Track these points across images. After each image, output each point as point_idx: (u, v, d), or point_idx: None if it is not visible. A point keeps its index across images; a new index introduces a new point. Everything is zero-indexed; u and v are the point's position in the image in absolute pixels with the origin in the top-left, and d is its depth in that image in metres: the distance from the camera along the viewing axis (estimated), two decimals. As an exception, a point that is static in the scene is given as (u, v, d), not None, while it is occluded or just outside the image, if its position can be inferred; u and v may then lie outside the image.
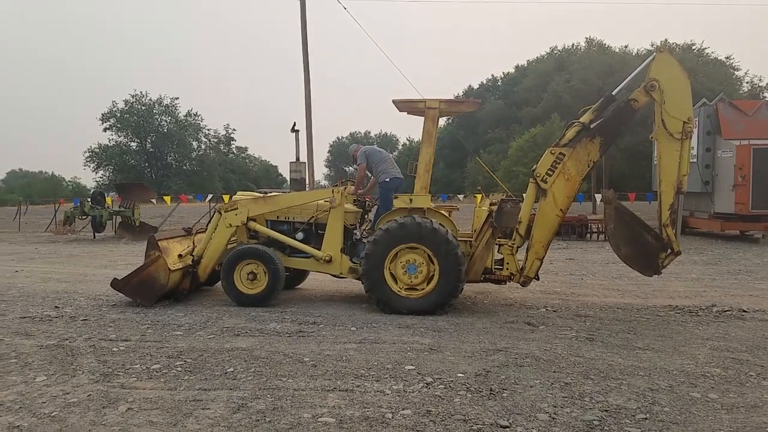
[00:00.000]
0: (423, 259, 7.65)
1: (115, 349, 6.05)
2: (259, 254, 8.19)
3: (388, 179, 8.79)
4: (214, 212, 8.86)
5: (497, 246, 8.00)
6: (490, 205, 8.08)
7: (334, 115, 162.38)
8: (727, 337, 6.55)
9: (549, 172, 7.58)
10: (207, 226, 8.87)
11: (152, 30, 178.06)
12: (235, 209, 8.51)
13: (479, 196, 12.78)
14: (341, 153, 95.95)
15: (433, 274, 7.63)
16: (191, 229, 9.58)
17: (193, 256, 8.53)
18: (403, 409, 4.37)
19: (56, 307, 8.23)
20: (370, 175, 9.23)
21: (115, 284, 8.23)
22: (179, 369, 5.36)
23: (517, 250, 7.94)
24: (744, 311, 7.82)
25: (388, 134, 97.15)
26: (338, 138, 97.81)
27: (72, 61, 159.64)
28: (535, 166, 7.73)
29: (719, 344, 6.23)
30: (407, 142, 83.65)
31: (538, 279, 8.07)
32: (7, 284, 10.30)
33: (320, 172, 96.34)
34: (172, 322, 7.23)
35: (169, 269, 8.04)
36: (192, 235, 9.20)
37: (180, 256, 8.54)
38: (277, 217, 8.77)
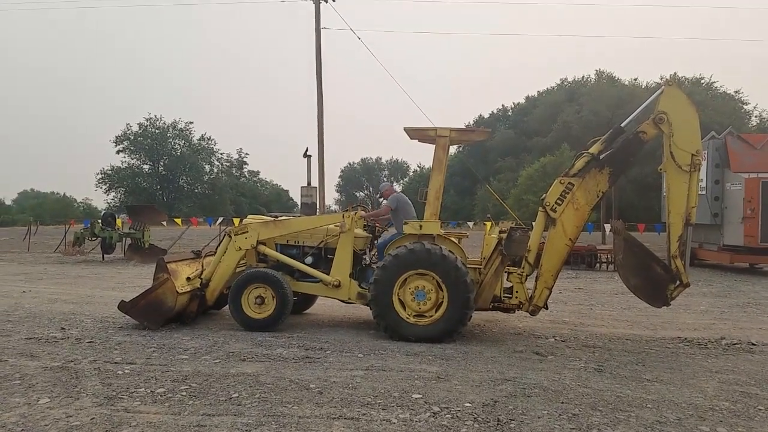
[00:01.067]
0: (432, 285, 7.63)
1: (120, 372, 6.03)
2: (267, 278, 8.19)
3: None
4: (224, 235, 8.88)
5: (506, 274, 7.98)
6: (500, 232, 8.07)
7: (346, 142, 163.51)
8: (736, 370, 6.48)
9: (558, 201, 7.59)
10: (216, 249, 8.89)
11: (166, 54, 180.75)
12: (245, 233, 8.54)
13: (489, 224, 12.80)
14: (352, 178, 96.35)
15: (442, 301, 7.60)
16: (200, 251, 9.59)
17: (201, 279, 8.55)
18: (409, 438, 4.32)
19: (62, 328, 8.24)
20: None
21: (123, 306, 8.24)
22: (184, 393, 5.34)
23: (526, 279, 7.92)
24: (753, 344, 7.74)
25: (399, 161, 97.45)
26: (349, 164, 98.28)
27: (88, 80, 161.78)
28: (544, 196, 7.74)
29: (728, 377, 6.16)
30: (418, 169, 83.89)
31: (547, 308, 8.03)
32: (14, 305, 10.33)
33: (331, 197, 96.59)
34: (178, 346, 7.22)
35: (177, 292, 8.05)
36: (201, 258, 9.22)
37: (188, 278, 8.53)
38: (287, 241, 8.79)
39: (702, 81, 51.71)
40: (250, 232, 8.54)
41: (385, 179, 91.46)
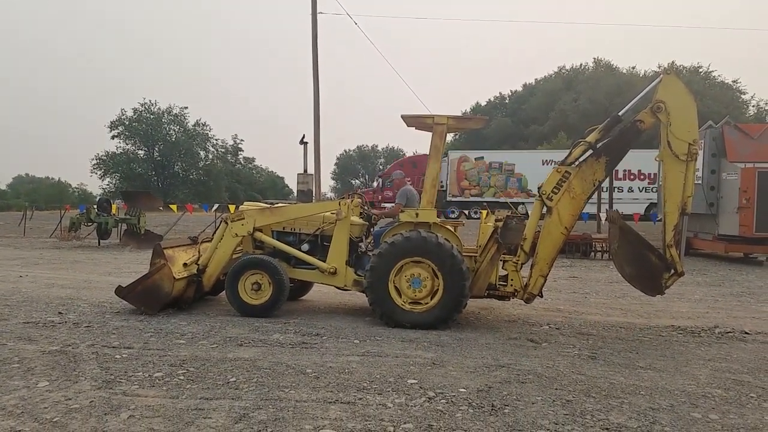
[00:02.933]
0: (428, 273, 7.66)
1: (117, 356, 6.07)
2: (264, 265, 8.22)
3: None
4: (221, 222, 8.89)
5: (502, 262, 8.02)
6: (496, 221, 8.10)
7: (342, 128, 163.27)
8: (728, 358, 6.55)
9: (554, 190, 7.61)
10: (213, 235, 8.90)
11: (166, 39, 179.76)
12: (242, 219, 8.55)
13: (485, 212, 12.80)
14: (348, 166, 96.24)
15: (438, 289, 7.63)
16: (197, 238, 9.60)
17: (198, 265, 8.57)
18: (405, 423, 4.37)
19: (60, 313, 8.26)
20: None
21: (120, 291, 8.26)
22: (181, 377, 5.38)
23: (521, 267, 7.96)
24: (746, 333, 7.81)
25: (395, 148, 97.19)
26: (345, 151, 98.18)
27: (87, 63, 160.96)
28: (540, 184, 7.76)
29: (721, 365, 6.23)
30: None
31: (541, 296, 8.06)
32: (11, 289, 10.34)
33: (327, 184, 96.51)
34: (175, 331, 7.25)
35: (174, 278, 8.07)
36: (197, 244, 9.24)
37: (185, 264, 8.56)
38: (283, 228, 8.80)
39: (700, 70, 51.88)
40: (246, 219, 8.55)
41: (381, 167, 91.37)
